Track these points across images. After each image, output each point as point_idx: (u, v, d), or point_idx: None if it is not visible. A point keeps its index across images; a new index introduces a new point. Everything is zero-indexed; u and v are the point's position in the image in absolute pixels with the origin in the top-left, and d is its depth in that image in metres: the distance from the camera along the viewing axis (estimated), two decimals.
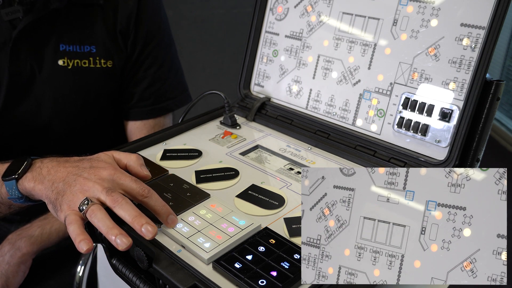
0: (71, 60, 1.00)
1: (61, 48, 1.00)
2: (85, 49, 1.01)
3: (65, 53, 1.00)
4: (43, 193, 0.67)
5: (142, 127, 1.12)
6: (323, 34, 0.84)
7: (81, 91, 1.03)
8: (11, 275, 0.95)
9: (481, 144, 0.70)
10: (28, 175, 0.69)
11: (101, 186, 0.63)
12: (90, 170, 0.65)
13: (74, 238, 0.59)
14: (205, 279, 0.55)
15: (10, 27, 0.95)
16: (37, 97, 1.00)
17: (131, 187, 0.64)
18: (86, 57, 1.02)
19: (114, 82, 1.06)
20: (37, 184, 0.68)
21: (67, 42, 1.00)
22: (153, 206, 0.63)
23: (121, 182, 0.64)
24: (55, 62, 1.00)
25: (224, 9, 2.82)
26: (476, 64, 0.66)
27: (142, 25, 1.05)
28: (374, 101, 0.78)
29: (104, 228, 0.59)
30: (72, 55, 1.00)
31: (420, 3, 0.72)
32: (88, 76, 1.03)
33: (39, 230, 0.99)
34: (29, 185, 0.69)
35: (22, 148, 1.04)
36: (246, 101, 0.94)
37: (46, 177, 0.67)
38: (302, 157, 0.80)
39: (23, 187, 0.70)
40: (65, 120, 1.04)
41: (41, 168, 0.69)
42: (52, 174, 0.67)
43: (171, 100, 1.13)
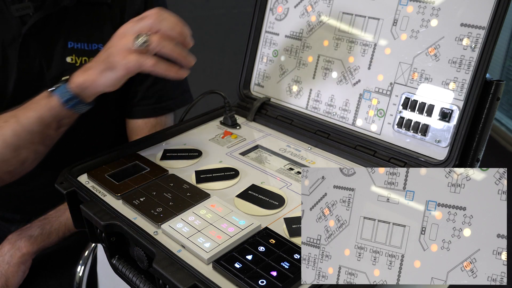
0: (79, 58, 1.01)
1: (69, 45, 1.00)
2: (93, 47, 1.02)
3: (73, 51, 1.00)
4: (93, 69, 0.74)
5: (143, 126, 1.13)
6: (323, 34, 0.84)
7: None
8: (11, 275, 0.95)
9: (481, 144, 0.70)
10: (75, 74, 0.77)
11: (140, 23, 0.70)
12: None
13: (179, 59, 0.71)
14: (205, 279, 0.55)
15: (20, 23, 0.96)
16: None
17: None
18: (94, 55, 1.01)
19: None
20: (85, 70, 0.75)
21: (75, 40, 1.00)
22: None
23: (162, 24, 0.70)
24: (63, 59, 1.00)
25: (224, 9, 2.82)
26: (476, 64, 0.66)
27: None
28: (374, 101, 0.78)
29: (181, 56, 0.68)
30: (80, 53, 1.01)
31: (420, 3, 0.72)
32: None
33: (39, 230, 0.99)
34: (79, 79, 0.76)
35: None
36: (246, 101, 0.94)
37: (90, 63, 0.75)
38: (302, 157, 0.80)
39: (74, 85, 0.76)
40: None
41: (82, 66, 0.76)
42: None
43: (172, 99, 1.13)
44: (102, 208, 0.67)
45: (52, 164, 1.07)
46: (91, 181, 0.74)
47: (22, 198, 1.10)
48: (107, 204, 0.67)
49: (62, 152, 1.08)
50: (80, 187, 0.71)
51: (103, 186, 0.71)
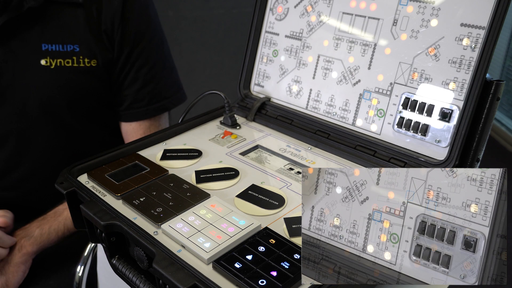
0: (54, 60, 0.99)
1: (43, 47, 0.98)
2: (68, 48, 1.00)
3: (47, 53, 0.98)
4: None
5: (137, 128, 1.12)
6: (323, 34, 0.84)
7: (66, 90, 1.02)
8: (11, 275, 0.95)
9: (481, 144, 0.70)
10: None
11: None
12: None
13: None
14: (205, 279, 0.55)
15: None
16: (22, 97, 0.99)
17: None
18: (69, 56, 1.00)
19: (99, 81, 1.05)
20: None
21: (49, 42, 0.98)
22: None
23: None
24: (37, 62, 0.98)
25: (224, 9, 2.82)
26: (476, 64, 0.66)
27: (128, 25, 1.03)
28: (374, 101, 0.78)
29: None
30: (54, 55, 0.99)
31: (420, 3, 0.72)
32: (72, 75, 1.01)
33: (38, 230, 0.99)
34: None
35: (13, 148, 1.04)
36: (246, 101, 0.94)
37: None
38: (302, 157, 0.80)
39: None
40: (52, 120, 1.03)
41: None
42: None
43: (166, 99, 1.12)
44: (102, 208, 0.67)
45: (45, 164, 1.07)
46: (91, 181, 0.74)
47: (17, 200, 1.10)
48: (107, 204, 0.67)
49: (54, 152, 1.07)
50: (80, 187, 0.71)
51: (103, 186, 0.71)
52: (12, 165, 1.05)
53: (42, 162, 1.06)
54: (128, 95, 1.08)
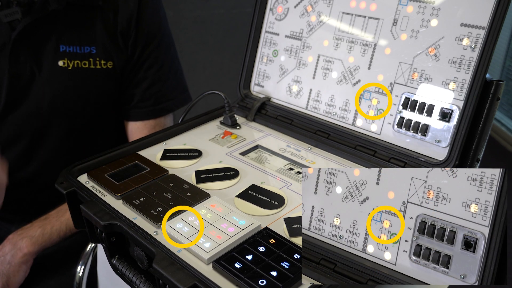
0: (71, 61, 1.01)
1: (61, 49, 1.00)
2: (85, 50, 1.01)
3: (65, 54, 1.00)
4: None
5: (142, 128, 1.12)
6: (323, 34, 0.84)
7: (81, 92, 1.03)
8: (12, 275, 0.95)
9: (481, 144, 0.70)
10: None
11: None
12: None
13: None
14: (205, 279, 0.55)
15: (9, 29, 0.95)
16: (37, 98, 1.00)
17: None
18: (86, 58, 1.02)
19: (114, 82, 1.06)
20: None
21: (67, 43, 1.00)
22: None
23: None
24: (55, 63, 1.00)
25: (224, 9, 2.82)
26: (476, 64, 0.66)
27: (142, 25, 1.05)
28: (374, 101, 0.78)
29: None
30: (72, 56, 1.01)
31: (420, 3, 0.72)
32: (88, 77, 1.03)
33: (40, 230, 0.99)
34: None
35: (23, 148, 1.04)
36: (246, 101, 0.94)
37: None
38: (302, 157, 0.80)
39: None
40: (65, 121, 1.04)
41: None
42: None
43: (171, 100, 1.13)
44: (102, 208, 0.67)
45: (53, 165, 1.07)
46: (91, 181, 0.74)
47: (22, 199, 1.10)
48: (107, 204, 0.67)
49: (62, 154, 1.08)
50: (80, 187, 0.71)
51: (103, 186, 0.71)
52: (21, 164, 1.06)
53: (51, 162, 1.07)
54: (135, 93, 1.10)
